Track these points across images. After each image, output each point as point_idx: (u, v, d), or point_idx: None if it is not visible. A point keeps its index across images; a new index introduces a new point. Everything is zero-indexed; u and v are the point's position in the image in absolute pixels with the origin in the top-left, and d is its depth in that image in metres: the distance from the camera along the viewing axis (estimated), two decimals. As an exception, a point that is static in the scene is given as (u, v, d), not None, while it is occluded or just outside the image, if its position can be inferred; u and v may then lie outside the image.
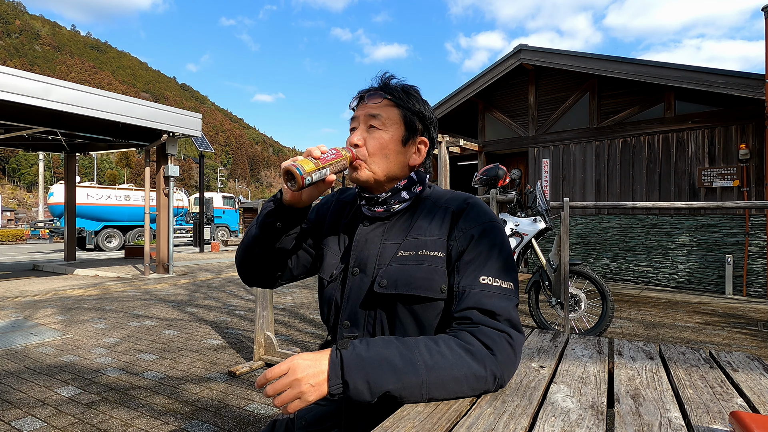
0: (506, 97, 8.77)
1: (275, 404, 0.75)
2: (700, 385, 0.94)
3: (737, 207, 3.09)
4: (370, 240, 0.99)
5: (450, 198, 1.00)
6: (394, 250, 0.95)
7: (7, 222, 38.35)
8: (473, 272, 0.88)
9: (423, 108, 1.01)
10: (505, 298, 0.87)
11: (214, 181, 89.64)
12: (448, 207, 0.97)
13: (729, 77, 5.87)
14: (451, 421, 0.72)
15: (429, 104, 1.06)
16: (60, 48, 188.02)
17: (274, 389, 0.75)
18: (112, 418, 2.29)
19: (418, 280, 0.91)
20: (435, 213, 0.97)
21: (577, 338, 1.32)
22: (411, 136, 1.00)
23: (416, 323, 0.93)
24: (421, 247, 0.93)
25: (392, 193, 0.99)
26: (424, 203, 1.01)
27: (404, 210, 1.01)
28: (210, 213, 16.56)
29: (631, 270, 7.15)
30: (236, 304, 5.43)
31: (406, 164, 1.00)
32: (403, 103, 0.99)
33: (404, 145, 0.99)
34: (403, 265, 0.93)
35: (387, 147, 0.97)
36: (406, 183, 1.00)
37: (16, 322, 4.47)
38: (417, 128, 1.00)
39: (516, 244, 3.97)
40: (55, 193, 16.75)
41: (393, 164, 0.98)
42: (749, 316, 4.77)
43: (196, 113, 8.60)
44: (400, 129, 0.98)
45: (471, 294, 0.86)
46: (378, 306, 0.95)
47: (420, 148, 1.02)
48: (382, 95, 0.99)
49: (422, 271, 0.91)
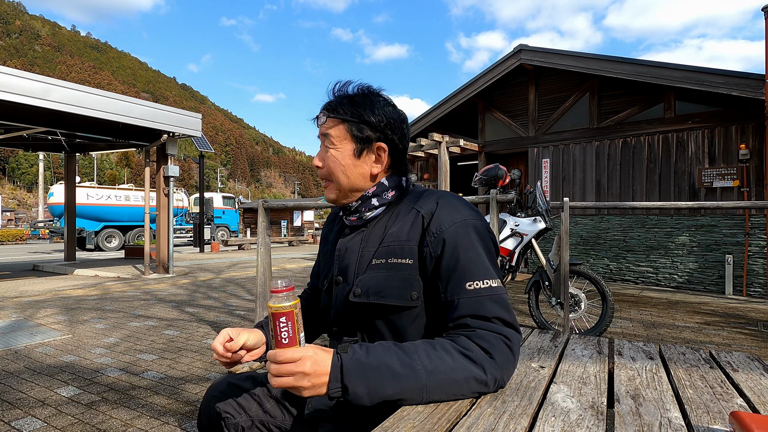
0: (506, 97, 8.77)
1: (271, 383, 0.76)
2: (700, 385, 0.94)
3: (737, 207, 3.10)
4: (350, 249, 1.01)
5: (422, 199, 0.98)
6: (369, 258, 0.96)
7: (7, 222, 38.35)
8: (458, 280, 0.87)
9: (372, 114, 0.97)
10: (495, 298, 0.87)
11: (214, 181, 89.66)
12: (420, 210, 0.95)
13: (729, 77, 5.87)
14: (451, 421, 0.72)
15: (384, 104, 1.00)
16: (60, 48, 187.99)
17: (278, 371, 0.75)
18: (112, 419, 2.28)
19: (388, 289, 0.92)
20: (406, 217, 0.96)
21: (577, 338, 1.32)
22: (364, 147, 0.98)
23: (391, 330, 0.94)
24: (390, 254, 0.94)
25: (362, 201, 1.01)
26: (399, 207, 1.00)
27: (380, 216, 1.01)
28: (210, 213, 16.56)
29: (631, 270, 7.15)
30: (236, 304, 5.43)
31: (366, 174, 1.00)
32: (349, 117, 0.97)
33: (359, 158, 0.99)
34: (375, 273, 0.94)
35: (341, 164, 0.98)
36: (376, 190, 1.01)
37: (16, 322, 4.47)
38: (368, 137, 0.98)
39: (516, 244, 3.97)
40: (55, 193, 16.76)
41: (353, 178, 0.99)
42: (749, 316, 4.77)
43: (196, 113, 8.60)
44: (350, 143, 0.98)
45: (461, 303, 0.86)
46: (356, 314, 0.97)
47: (380, 154, 0.99)
48: (327, 114, 0.99)
49: (392, 279, 0.92)
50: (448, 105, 8.95)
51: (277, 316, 0.76)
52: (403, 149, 1.02)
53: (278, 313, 0.76)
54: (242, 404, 1.06)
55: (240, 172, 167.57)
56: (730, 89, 5.84)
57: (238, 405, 1.06)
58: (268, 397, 1.09)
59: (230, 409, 1.05)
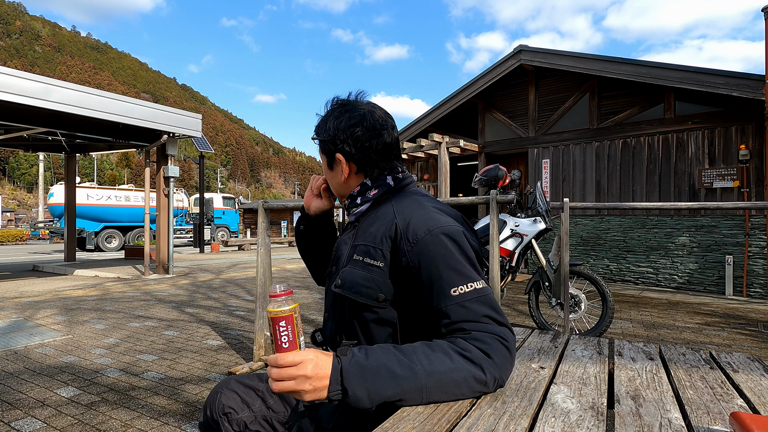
0: (506, 98, 8.77)
1: (272, 388, 0.77)
2: (700, 385, 0.94)
3: (737, 208, 3.09)
4: (344, 242, 1.09)
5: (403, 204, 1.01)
6: (353, 253, 1.02)
7: (7, 222, 38.35)
8: (442, 288, 0.88)
9: (323, 131, 1.08)
10: (483, 299, 0.87)
11: (214, 181, 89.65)
12: (396, 215, 0.98)
13: (729, 78, 5.87)
14: (451, 422, 0.72)
15: (337, 115, 1.07)
16: (60, 49, 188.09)
17: (280, 375, 0.76)
18: (111, 419, 2.28)
19: (358, 286, 0.96)
20: (385, 220, 1.00)
21: (578, 339, 1.32)
22: (331, 160, 1.09)
23: (360, 326, 0.98)
24: (366, 254, 0.98)
25: (350, 200, 1.11)
26: (385, 206, 1.04)
27: (368, 212, 1.08)
28: (210, 214, 16.56)
29: (631, 270, 7.15)
30: (236, 304, 5.43)
31: (341, 182, 1.10)
32: (316, 136, 1.12)
33: (332, 169, 1.11)
34: (353, 269, 0.99)
35: (326, 176, 1.15)
36: (360, 189, 1.08)
37: (16, 322, 4.47)
38: (329, 150, 1.08)
39: (516, 244, 3.97)
40: (55, 193, 16.76)
41: (335, 186, 1.14)
42: (749, 316, 4.77)
43: (196, 114, 8.60)
44: (324, 158, 1.12)
45: (450, 310, 0.87)
46: (337, 303, 1.03)
47: (341, 164, 1.07)
48: (314, 137, 1.13)
49: (363, 278, 0.96)
50: (448, 105, 8.95)
51: (277, 321, 0.76)
52: (358, 152, 1.05)
53: (278, 317, 0.76)
54: (246, 400, 1.10)
55: (240, 172, 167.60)
56: (730, 90, 5.84)
57: (242, 401, 1.10)
58: (271, 393, 1.12)
59: (234, 404, 1.09)
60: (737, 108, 6.24)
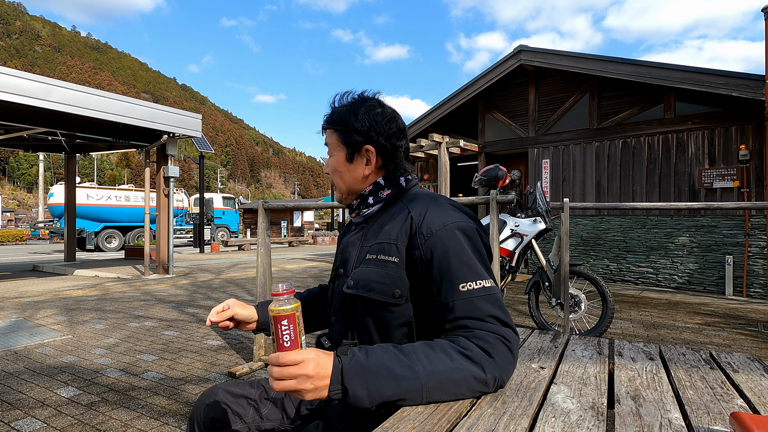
0: (506, 98, 8.77)
1: (273, 387, 0.76)
2: (700, 385, 0.94)
3: (738, 208, 3.09)
4: (351, 243, 1.07)
5: (416, 201, 1.01)
6: (365, 253, 1.00)
7: (7, 222, 38.35)
8: (450, 282, 0.88)
9: (356, 120, 1.04)
10: (490, 298, 0.87)
11: (214, 181, 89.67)
12: (411, 211, 0.98)
13: (729, 78, 5.87)
14: (451, 422, 0.72)
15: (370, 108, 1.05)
16: (60, 49, 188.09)
17: (281, 374, 0.75)
18: (111, 419, 2.28)
19: (373, 283, 0.94)
20: (399, 217, 0.99)
21: (578, 339, 1.32)
22: (354, 152, 1.05)
23: (376, 325, 0.96)
24: (381, 251, 0.97)
25: (360, 199, 1.08)
26: (396, 206, 1.04)
27: (378, 213, 1.06)
28: (210, 214, 16.56)
29: (631, 271, 7.15)
30: (236, 304, 5.42)
31: (359, 177, 1.07)
32: (339, 126, 1.06)
33: (351, 162, 1.06)
34: (366, 267, 0.97)
35: (338, 169, 1.08)
36: (372, 189, 1.07)
37: (16, 322, 4.47)
38: (357, 142, 1.04)
39: (516, 244, 3.97)
40: (55, 193, 16.76)
41: (349, 181, 1.08)
42: (749, 316, 4.76)
43: (196, 114, 8.60)
44: (342, 150, 1.07)
45: (456, 305, 0.87)
46: (349, 305, 1.00)
47: (368, 156, 1.05)
48: (325, 126, 1.09)
49: (378, 275, 0.95)
50: (448, 106, 8.95)
51: (279, 319, 0.76)
52: (391, 148, 1.05)
53: (280, 316, 0.76)
54: (237, 411, 1.06)
55: (240, 172, 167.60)
56: (730, 90, 5.84)
57: (233, 412, 1.05)
58: (264, 401, 1.09)
59: (224, 416, 1.04)
60: (737, 108, 6.24)
